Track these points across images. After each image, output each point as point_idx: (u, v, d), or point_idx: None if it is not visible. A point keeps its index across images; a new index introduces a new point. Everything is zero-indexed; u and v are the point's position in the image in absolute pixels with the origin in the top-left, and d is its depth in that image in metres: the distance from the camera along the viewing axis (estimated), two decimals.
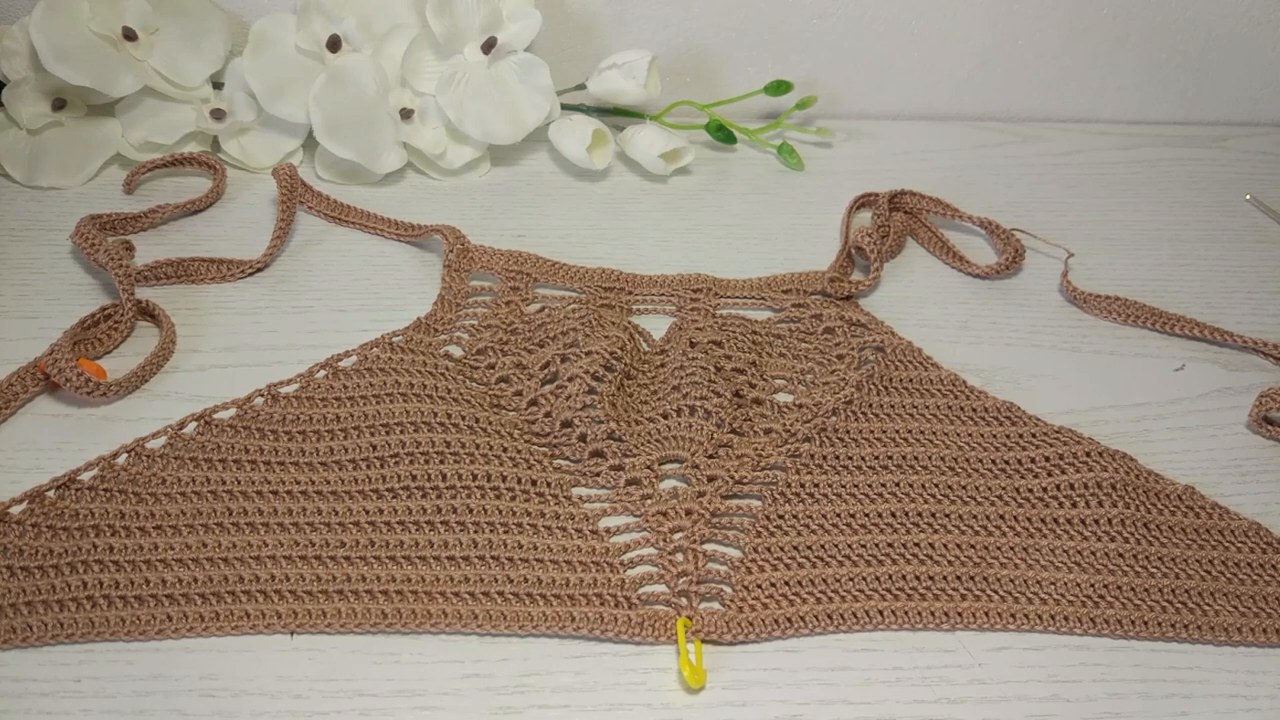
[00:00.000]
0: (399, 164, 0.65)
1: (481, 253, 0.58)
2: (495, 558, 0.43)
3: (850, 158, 0.72)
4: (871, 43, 0.74)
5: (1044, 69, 0.76)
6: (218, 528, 0.42)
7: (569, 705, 0.39)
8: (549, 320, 0.53)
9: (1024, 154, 0.74)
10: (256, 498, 0.44)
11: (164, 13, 0.63)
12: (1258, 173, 0.73)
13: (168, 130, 0.64)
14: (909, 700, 0.40)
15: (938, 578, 0.43)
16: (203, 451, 0.45)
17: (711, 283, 0.58)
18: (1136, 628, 0.42)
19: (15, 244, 0.58)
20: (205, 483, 0.44)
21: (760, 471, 0.47)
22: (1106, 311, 0.56)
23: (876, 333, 0.54)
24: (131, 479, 0.43)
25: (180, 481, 0.44)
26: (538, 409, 0.49)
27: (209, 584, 0.41)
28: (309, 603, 0.40)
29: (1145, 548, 0.45)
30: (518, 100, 0.65)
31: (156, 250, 0.58)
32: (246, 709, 0.38)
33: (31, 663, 0.38)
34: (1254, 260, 0.64)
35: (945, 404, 0.51)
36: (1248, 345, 0.55)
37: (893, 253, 0.62)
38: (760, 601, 0.42)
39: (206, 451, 0.45)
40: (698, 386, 0.49)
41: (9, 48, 0.61)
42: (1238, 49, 0.76)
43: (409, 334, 0.52)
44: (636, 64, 0.66)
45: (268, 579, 0.41)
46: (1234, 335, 0.56)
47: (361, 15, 0.63)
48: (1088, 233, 0.66)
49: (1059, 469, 0.47)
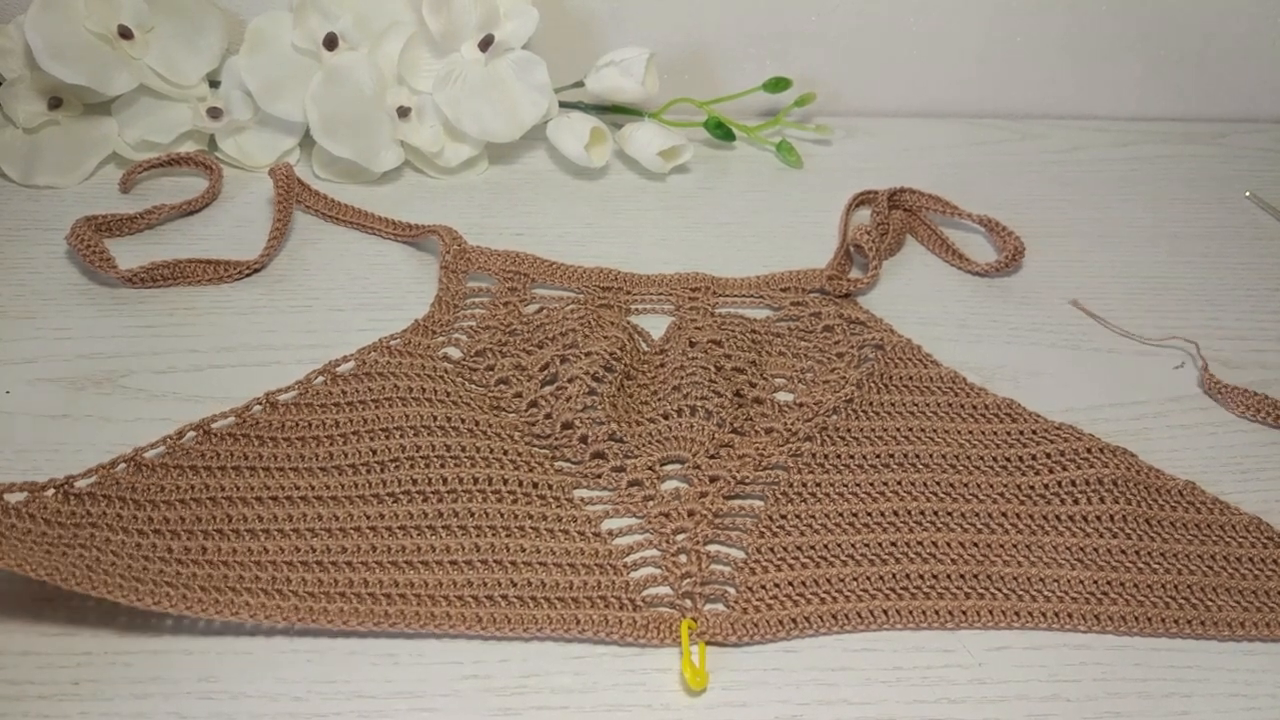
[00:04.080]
0: (396, 162, 0.65)
1: (479, 253, 0.57)
2: (498, 561, 0.42)
3: (849, 155, 0.72)
4: (871, 40, 0.74)
5: (1043, 66, 0.76)
6: (217, 534, 0.42)
7: (569, 706, 0.39)
8: (548, 321, 0.53)
9: (1023, 151, 0.74)
10: (256, 504, 0.43)
11: (160, 11, 0.62)
12: (1257, 169, 0.73)
13: (164, 129, 0.64)
14: (909, 700, 0.40)
15: (941, 576, 0.43)
16: (202, 459, 0.44)
17: (710, 281, 0.58)
18: (1139, 624, 0.42)
19: (11, 243, 0.58)
20: (204, 489, 0.43)
21: (762, 471, 0.47)
22: (1245, 407, 0.52)
23: (876, 330, 0.54)
24: (130, 486, 0.43)
25: (179, 489, 0.43)
26: (538, 411, 0.48)
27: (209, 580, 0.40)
28: (310, 602, 0.40)
29: (1147, 544, 0.45)
30: (515, 98, 0.65)
31: (153, 251, 0.57)
32: (245, 711, 0.38)
33: (29, 665, 0.38)
34: (1253, 257, 0.64)
35: (945, 401, 0.51)
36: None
37: (892, 250, 0.62)
38: (764, 602, 0.42)
39: (205, 459, 0.44)
40: (698, 386, 0.49)
41: (4, 46, 0.61)
42: (1237, 46, 0.76)
43: (406, 337, 0.52)
44: (634, 61, 0.66)
45: (268, 581, 0.41)
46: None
47: (358, 13, 0.63)
48: (1086, 230, 0.66)
49: (1060, 466, 0.47)
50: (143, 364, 0.51)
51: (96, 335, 0.52)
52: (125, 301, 0.54)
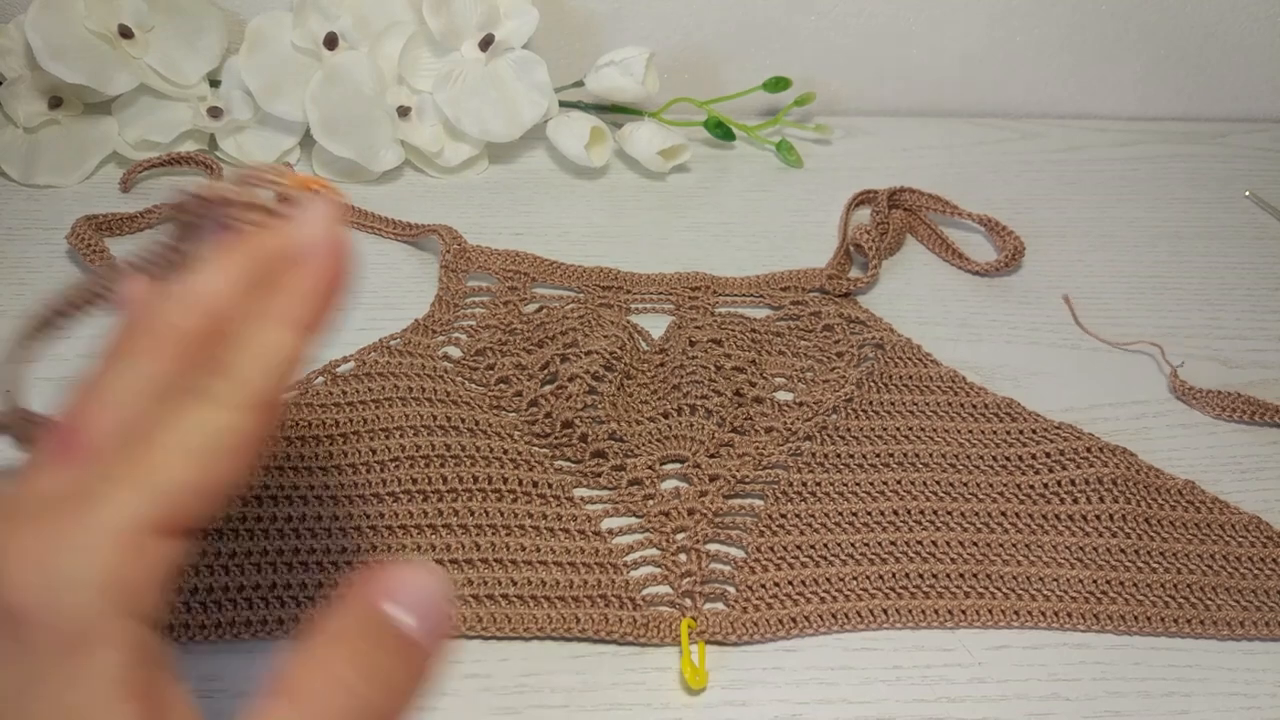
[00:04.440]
0: (396, 161, 0.65)
1: (479, 253, 0.57)
2: (498, 560, 0.42)
3: (849, 154, 0.72)
4: (870, 39, 0.74)
5: (1043, 65, 0.76)
6: (215, 534, 0.42)
7: (569, 705, 0.39)
8: (548, 320, 0.53)
9: (1023, 150, 0.74)
10: (255, 504, 0.43)
11: (160, 10, 0.62)
12: (1257, 169, 0.73)
13: (164, 128, 0.64)
14: (909, 699, 0.40)
15: (940, 575, 0.43)
16: None
17: (710, 281, 0.58)
18: (1139, 623, 0.43)
19: (11, 243, 0.58)
20: None
21: (762, 470, 0.47)
22: (1219, 409, 0.52)
23: (876, 330, 0.54)
24: None
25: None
26: (538, 410, 0.48)
27: (209, 593, 0.40)
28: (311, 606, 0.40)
29: (1146, 543, 0.45)
30: (515, 97, 0.65)
31: None
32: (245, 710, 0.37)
33: None
34: (1254, 257, 0.64)
35: (945, 400, 0.51)
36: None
37: (891, 250, 0.62)
38: (764, 601, 0.42)
39: None
40: (698, 385, 0.49)
41: (4, 46, 0.61)
42: (1237, 45, 0.76)
43: (406, 336, 0.52)
44: (634, 61, 0.66)
45: (268, 586, 0.41)
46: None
47: (358, 13, 0.63)
48: (1086, 229, 0.66)
49: (1060, 465, 0.47)
50: None
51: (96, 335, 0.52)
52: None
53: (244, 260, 0.28)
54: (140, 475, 0.23)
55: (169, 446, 0.24)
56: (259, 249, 0.28)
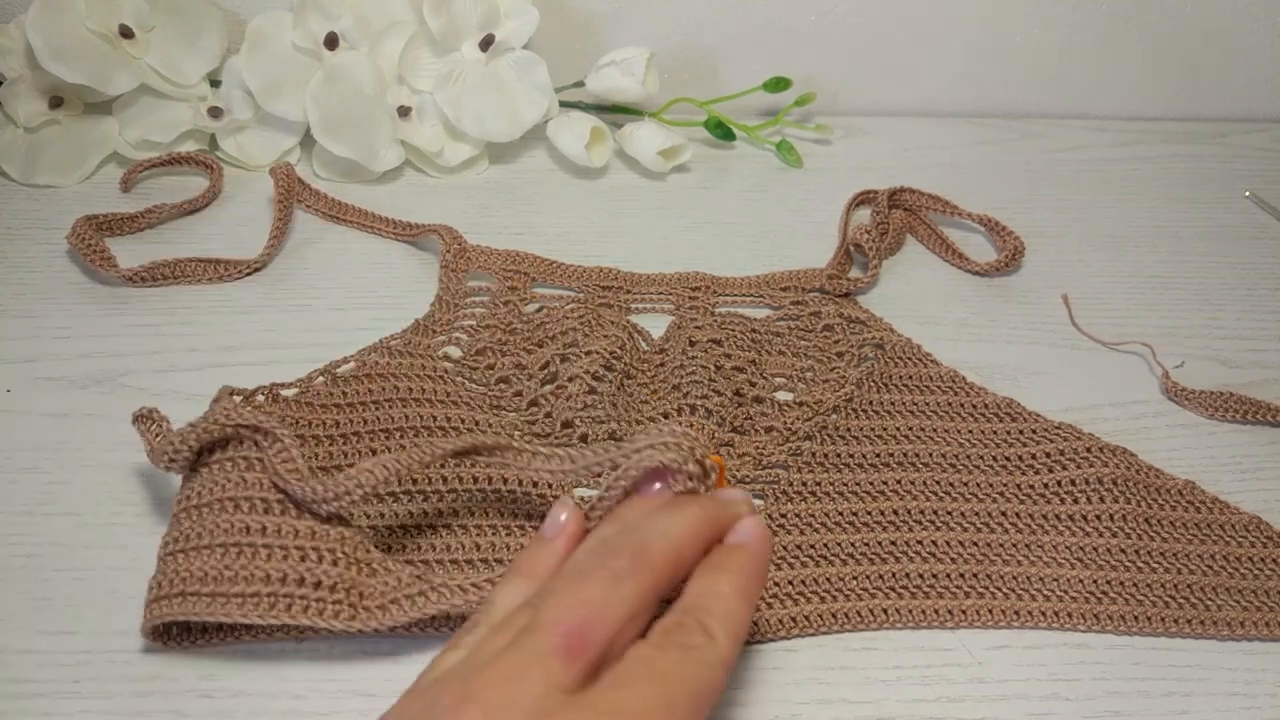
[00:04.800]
0: (397, 161, 0.65)
1: (479, 253, 0.57)
2: (498, 560, 0.42)
3: (849, 154, 0.72)
4: (870, 39, 0.74)
5: (1043, 65, 0.76)
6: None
7: None
8: (548, 320, 0.53)
9: (1023, 150, 0.74)
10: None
11: (160, 10, 0.62)
12: (1257, 169, 0.73)
13: (165, 128, 0.64)
14: (909, 699, 0.40)
15: (941, 575, 0.43)
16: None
17: (710, 281, 0.58)
18: (1139, 623, 0.42)
19: (12, 242, 0.58)
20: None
21: (762, 470, 0.47)
22: (1211, 409, 0.52)
23: (875, 330, 0.54)
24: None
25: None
26: (538, 409, 0.48)
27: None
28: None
29: (1146, 543, 0.45)
30: (515, 97, 0.65)
31: (154, 250, 0.57)
32: (244, 709, 0.38)
33: (29, 663, 0.38)
34: (1253, 257, 0.64)
35: (945, 400, 0.51)
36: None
37: (892, 250, 0.62)
38: (765, 601, 0.42)
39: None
40: (698, 385, 0.49)
41: (5, 46, 0.61)
42: (1237, 45, 0.76)
43: (407, 336, 0.52)
44: (634, 61, 0.66)
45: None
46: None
47: (358, 13, 0.63)
48: (1087, 229, 0.66)
49: (1060, 465, 0.47)
50: (143, 363, 0.51)
51: (97, 334, 0.52)
52: (126, 300, 0.54)
53: (701, 519, 0.33)
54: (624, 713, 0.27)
55: (651, 695, 0.28)
56: (710, 515, 0.33)
